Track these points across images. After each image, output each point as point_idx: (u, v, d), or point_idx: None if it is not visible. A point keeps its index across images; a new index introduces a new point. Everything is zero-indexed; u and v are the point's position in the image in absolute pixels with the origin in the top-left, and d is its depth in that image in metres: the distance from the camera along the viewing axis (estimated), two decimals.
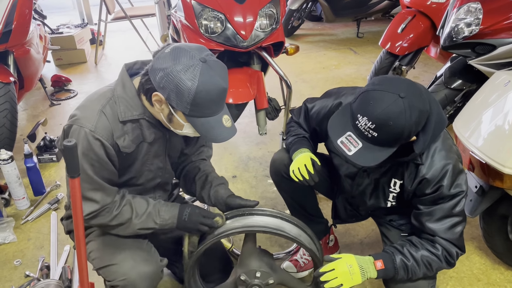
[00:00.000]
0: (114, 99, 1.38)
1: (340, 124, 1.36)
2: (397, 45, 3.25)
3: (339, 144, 1.33)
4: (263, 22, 2.33)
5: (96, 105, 1.37)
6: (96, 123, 1.33)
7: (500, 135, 1.75)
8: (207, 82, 1.24)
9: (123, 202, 1.44)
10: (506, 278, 2.06)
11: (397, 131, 1.25)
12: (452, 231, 1.43)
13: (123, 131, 1.38)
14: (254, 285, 1.61)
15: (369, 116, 1.25)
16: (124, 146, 1.39)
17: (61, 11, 7.40)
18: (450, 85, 2.75)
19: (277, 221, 1.55)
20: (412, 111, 1.24)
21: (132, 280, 1.43)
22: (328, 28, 6.41)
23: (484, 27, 2.39)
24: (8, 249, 2.31)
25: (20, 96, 3.29)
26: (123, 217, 1.43)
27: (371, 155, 1.30)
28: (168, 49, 1.29)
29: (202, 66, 1.24)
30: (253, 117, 2.72)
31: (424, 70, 4.63)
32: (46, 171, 3.00)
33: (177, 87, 1.24)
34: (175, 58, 1.25)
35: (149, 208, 1.47)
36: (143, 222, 1.46)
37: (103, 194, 1.40)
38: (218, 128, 1.33)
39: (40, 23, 3.87)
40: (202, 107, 1.28)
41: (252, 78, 2.42)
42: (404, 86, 1.26)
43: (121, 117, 1.37)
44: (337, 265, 1.43)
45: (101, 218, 1.41)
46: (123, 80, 1.40)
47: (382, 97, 1.25)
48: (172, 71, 1.24)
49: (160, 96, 1.29)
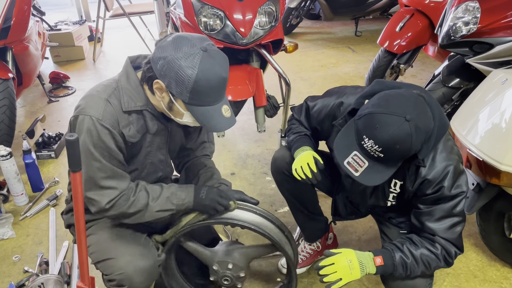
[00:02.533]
0: (118, 89, 1.39)
1: (345, 144, 1.37)
2: (395, 43, 3.26)
3: (346, 165, 1.35)
4: (262, 19, 2.33)
5: (101, 94, 1.38)
6: (103, 111, 1.34)
7: (497, 133, 1.76)
8: (207, 71, 1.25)
9: (138, 188, 1.45)
10: (502, 275, 2.08)
11: (403, 153, 1.28)
12: (451, 231, 1.44)
13: (129, 121, 1.39)
14: (225, 276, 1.66)
15: (375, 139, 1.26)
16: (130, 135, 1.40)
17: (60, 8, 7.39)
18: (448, 83, 2.76)
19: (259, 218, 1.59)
20: (419, 133, 1.25)
21: (129, 275, 1.44)
22: (327, 26, 6.42)
23: (482, 26, 2.40)
24: (6, 245, 2.31)
25: (19, 92, 3.28)
26: (140, 202, 1.43)
27: (376, 174, 1.33)
28: (170, 38, 1.30)
29: (203, 54, 1.25)
30: (252, 114, 2.73)
31: (422, 69, 4.64)
32: (45, 167, 3.00)
33: (177, 75, 1.25)
34: (176, 47, 1.26)
35: (163, 191, 1.48)
36: (160, 204, 1.46)
37: (119, 180, 1.40)
38: (217, 117, 1.34)
39: (38, 20, 3.86)
40: (202, 95, 1.28)
41: (251, 76, 2.43)
42: (410, 106, 1.26)
43: (125, 107, 1.38)
44: (337, 260, 1.43)
45: (119, 207, 1.41)
46: (127, 71, 1.41)
47: (388, 120, 1.25)
48: (172, 59, 1.25)
49: (161, 84, 1.30)
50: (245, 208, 1.58)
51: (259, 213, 1.59)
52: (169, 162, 1.64)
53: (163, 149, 1.56)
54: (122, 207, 1.41)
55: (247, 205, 1.58)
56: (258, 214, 1.59)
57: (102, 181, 1.38)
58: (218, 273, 1.67)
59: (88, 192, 1.40)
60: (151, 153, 1.52)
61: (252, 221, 1.56)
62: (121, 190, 1.40)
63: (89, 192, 1.39)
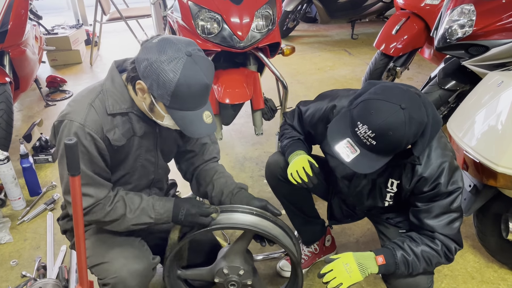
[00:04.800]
0: (103, 93, 1.39)
1: (339, 129, 1.37)
2: (392, 46, 3.28)
3: (337, 150, 1.35)
4: (260, 23, 2.34)
5: (85, 99, 1.38)
6: (85, 116, 1.34)
7: (494, 134, 1.77)
8: (189, 76, 1.25)
9: (116, 198, 1.44)
10: (500, 276, 2.09)
11: (396, 142, 1.28)
12: (450, 226, 1.45)
13: (113, 124, 1.39)
14: (232, 281, 1.64)
15: (369, 125, 1.27)
16: (115, 139, 1.40)
17: (56, 12, 7.37)
18: (444, 86, 2.78)
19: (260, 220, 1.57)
20: (412, 123, 1.26)
21: (123, 278, 1.43)
22: (323, 29, 6.44)
23: (477, 28, 2.42)
24: (4, 250, 2.30)
25: (16, 96, 3.27)
26: (117, 213, 1.43)
27: (367, 163, 1.32)
28: (156, 39, 1.30)
29: (187, 59, 1.25)
30: (249, 117, 2.73)
31: (418, 71, 4.66)
32: (42, 171, 2.99)
33: (159, 77, 1.25)
34: (161, 49, 1.26)
35: (142, 203, 1.47)
36: (137, 218, 1.45)
37: (96, 189, 1.40)
38: (197, 123, 1.34)
39: (35, 24, 3.86)
40: (182, 100, 1.28)
41: (249, 79, 2.43)
42: (406, 97, 1.28)
43: (109, 110, 1.38)
44: (335, 266, 1.45)
45: (94, 215, 1.41)
46: (112, 75, 1.42)
47: (383, 107, 1.26)
48: (156, 61, 1.25)
49: (143, 85, 1.30)
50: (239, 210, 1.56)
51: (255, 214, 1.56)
52: (161, 165, 1.63)
53: (152, 151, 1.55)
54: (98, 216, 1.42)
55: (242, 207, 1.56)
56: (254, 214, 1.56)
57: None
58: (223, 283, 1.64)
59: (66, 195, 1.41)
60: (141, 156, 1.51)
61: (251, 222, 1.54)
62: (97, 199, 1.40)
63: (66, 195, 1.41)
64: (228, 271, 1.62)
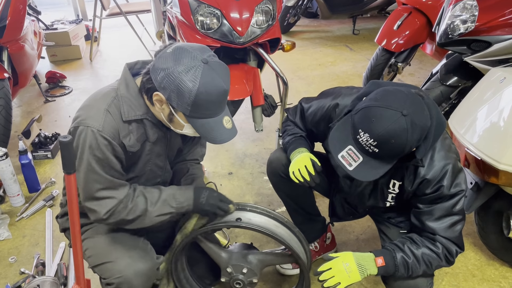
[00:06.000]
0: (118, 98, 1.37)
1: (341, 137, 1.35)
2: (393, 42, 3.25)
3: (340, 159, 1.33)
4: (260, 18, 2.32)
5: (101, 104, 1.36)
6: (103, 122, 1.33)
7: (496, 131, 1.76)
8: (208, 84, 1.24)
9: (136, 194, 1.44)
10: (501, 274, 2.07)
11: (399, 148, 1.26)
12: (452, 229, 1.44)
13: (129, 130, 1.38)
14: (237, 280, 1.64)
15: (371, 133, 1.25)
16: (130, 145, 1.39)
17: (56, 7, 7.35)
18: (446, 82, 2.76)
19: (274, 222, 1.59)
20: (414, 129, 1.23)
21: (128, 278, 1.43)
22: (324, 25, 6.41)
23: (480, 24, 2.39)
24: (3, 246, 2.30)
25: (15, 92, 3.26)
26: (139, 208, 1.43)
27: (370, 171, 1.31)
28: (170, 49, 1.28)
29: (204, 67, 1.24)
30: (249, 113, 2.72)
31: (420, 67, 4.64)
32: (41, 167, 2.98)
33: (178, 88, 1.24)
34: (176, 59, 1.24)
35: (162, 194, 1.47)
36: (159, 209, 1.45)
37: (117, 190, 1.40)
38: (218, 129, 1.34)
39: (34, 19, 3.84)
40: (203, 108, 1.28)
41: (248, 75, 2.41)
42: (407, 102, 1.25)
43: (125, 116, 1.36)
44: (334, 264, 1.43)
45: (118, 214, 1.41)
46: (126, 79, 1.39)
47: (384, 114, 1.24)
48: (173, 72, 1.23)
49: (161, 96, 1.28)
50: (256, 210, 1.59)
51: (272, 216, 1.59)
52: (167, 168, 1.63)
53: (161, 156, 1.55)
54: (121, 215, 1.41)
55: (253, 206, 1.58)
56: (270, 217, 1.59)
57: (98, 192, 1.37)
58: (231, 275, 1.65)
59: (87, 202, 1.40)
60: (151, 161, 1.51)
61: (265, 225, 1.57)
62: (120, 199, 1.40)
63: (87, 202, 1.40)
64: (232, 270, 1.63)
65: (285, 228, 1.61)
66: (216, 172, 2.91)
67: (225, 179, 2.84)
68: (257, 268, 1.65)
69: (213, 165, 2.98)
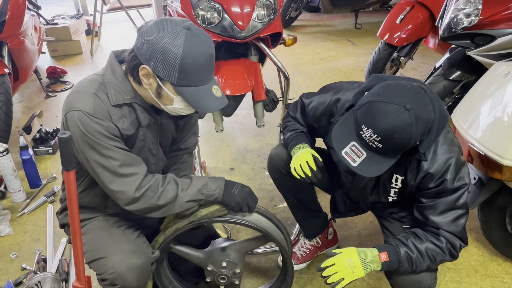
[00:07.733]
0: (105, 84, 1.36)
1: (344, 134, 1.34)
2: (396, 36, 3.23)
3: (343, 155, 1.32)
4: (261, 12, 2.30)
5: (88, 89, 1.34)
6: (93, 106, 1.31)
7: (499, 126, 1.74)
8: (192, 48, 1.23)
9: (167, 179, 1.44)
10: (504, 270, 2.06)
11: (403, 143, 1.24)
12: (455, 223, 1.43)
13: (121, 114, 1.37)
14: (221, 275, 1.65)
15: (374, 128, 1.23)
16: (124, 128, 1.37)
17: (56, 2, 7.34)
18: (449, 76, 2.74)
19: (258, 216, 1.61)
20: (418, 123, 1.22)
21: (121, 273, 1.42)
22: (326, 19, 6.37)
23: (484, 17, 2.37)
24: (4, 242, 2.30)
25: (15, 88, 3.26)
26: (169, 194, 1.42)
27: (375, 166, 1.29)
28: (151, 22, 1.28)
29: (187, 32, 1.23)
30: (251, 109, 2.70)
31: (423, 61, 4.61)
32: (42, 163, 2.98)
33: (163, 55, 1.22)
34: (159, 29, 1.24)
35: (193, 181, 1.48)
36: (190, 195, 1.45)
37: (137, 166, 1.38)
38: (208, 97, 1.31)
39: (34, 14, 3.83)
40: (190, 74, 1.26)
41: (250, 70, 2.39)
42: (410, 96, 1.23)
43: (113, 101, 1.34)
44: (337, 260, 1.42)
45: (147, 198, 1.38)
46: (112, 65, 1.39)
47: (387, 109, 1.22)
48: (156, 40, 1.22)
49: (147, 69, 1.27)
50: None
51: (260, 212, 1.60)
52: (161, 156, 1.61)
53: (155, 143, 1.53)
54: (151, 199, 1.39)
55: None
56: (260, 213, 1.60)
57: (120, 169, 1.34)
58: (213, 273, 1.66)
59: (111, 184, 1.36)
60: (145, 147, 1.49)
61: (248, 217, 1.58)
62: (144, 173, 1.38)
63: (111, 184, 1.36)
64: (213, 268, 1.64)
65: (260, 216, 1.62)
66: (218, 168, 2.90)
67: (226, 174, 2.83)
68: (236, 258, 1.65)
69: (214, 160, 2.97)
